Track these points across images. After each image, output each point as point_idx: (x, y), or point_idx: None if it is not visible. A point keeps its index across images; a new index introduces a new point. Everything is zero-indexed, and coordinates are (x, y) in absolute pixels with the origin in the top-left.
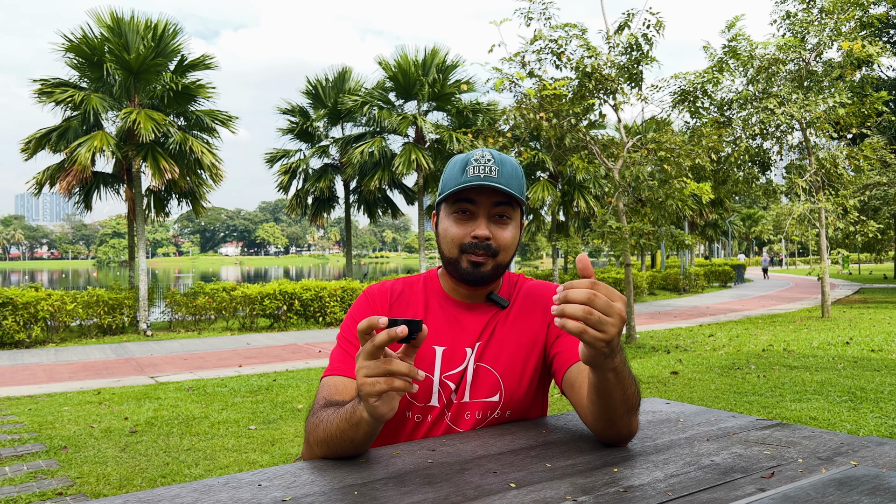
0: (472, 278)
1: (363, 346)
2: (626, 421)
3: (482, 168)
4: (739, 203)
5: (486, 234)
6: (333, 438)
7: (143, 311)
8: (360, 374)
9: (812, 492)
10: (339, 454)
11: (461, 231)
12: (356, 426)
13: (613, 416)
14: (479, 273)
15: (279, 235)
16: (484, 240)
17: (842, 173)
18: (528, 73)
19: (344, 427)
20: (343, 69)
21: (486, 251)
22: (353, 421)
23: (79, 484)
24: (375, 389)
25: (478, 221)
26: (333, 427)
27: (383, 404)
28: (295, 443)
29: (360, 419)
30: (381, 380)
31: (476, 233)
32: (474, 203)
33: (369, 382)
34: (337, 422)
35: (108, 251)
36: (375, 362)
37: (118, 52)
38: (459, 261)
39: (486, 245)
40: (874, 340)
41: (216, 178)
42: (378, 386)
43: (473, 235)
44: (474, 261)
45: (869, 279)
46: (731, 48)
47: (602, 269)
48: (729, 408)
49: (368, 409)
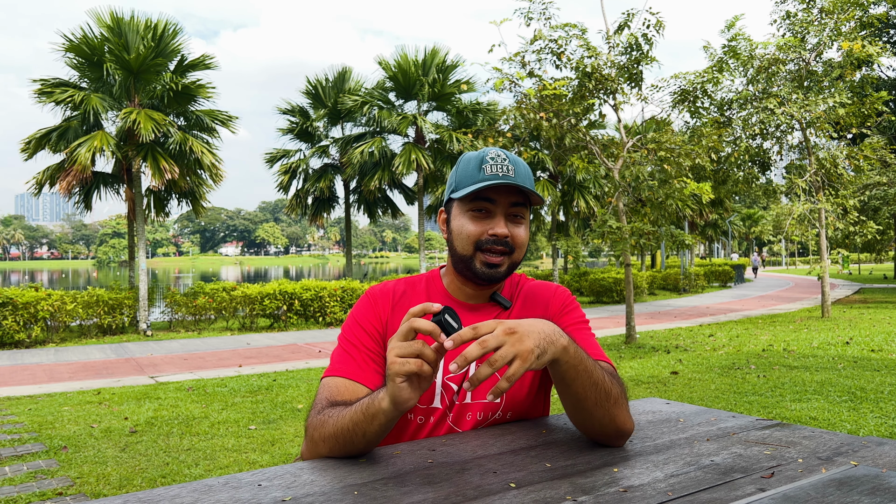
0: (486, 277)
1: (400, 328)
2: (605, 411)
3: (500, 167)
4: (739, 203)
5: (506, 233)
6: (344, 432)
7: (143, 311)
8: (392, 354)
9: (812, 492)
10: (347, 451)
11: (478, 228)
12: (372, 418)
13: (583, 404)
14: (494, 273)
15: (279, 235)
16: (503, 238)
17: (842, 173)
18: (528, 73)
19: (358, 419)
20: (343, 69)
21: (503, 248)
22: (370, 412)
23: (79, 484)
24: (405, 369)
25: (496, 220)
26: (346, 420)
27: (407, 389)
28: (295, 443)
29: (377, 410)
30: (412, 361)
31: (495, 231)
32: (493, 202)
33: (399, 362)
34: (351, 415)
35: (108, 251)
36: (408, 343)
37: (118, 52)
38: (473, 259)
39: (505, 242)
40: (874, 340)
41: (216, 178)
42: (408, 366)
43: (492, 233)
44: (489, 261)
45: (869, 279)
46: (731, 48)
47: (602, 269)
48: (729, 408)
49: (393, 391)
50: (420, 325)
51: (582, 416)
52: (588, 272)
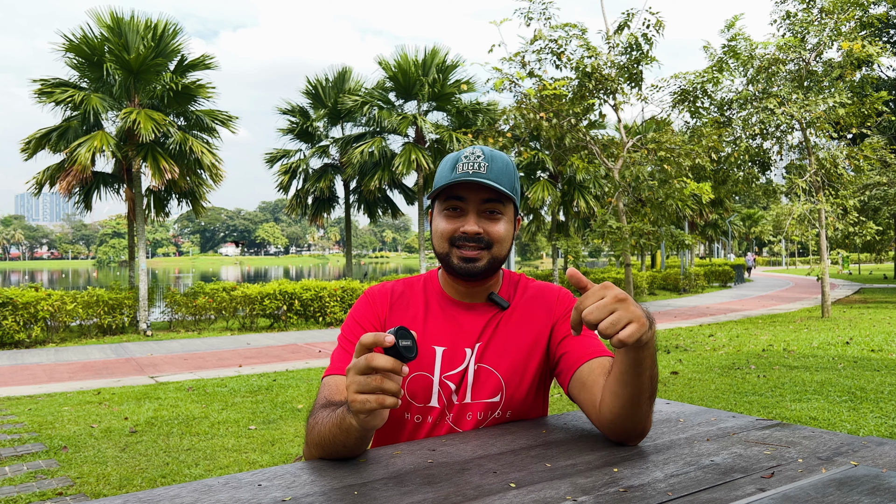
0: (464, 272)
1: (356, 361)
2: (649, 406)
3: (471, 164)
4: (739, 203)
5: (475, 230)
6: (326, 442)
7: (143, 311)
8: (351, 390)
9: (812, 492)
10: (335, 457)
11: (450, 226)
12: (346, 432)
13: (641, 396)
14: (472, 267)
15: (279, 235)
16: (473, 235)
17: (842, 173)
18: (528, 73)
19: (335, 432)
20: (343, 69)
21: (477, 244)
22: (343, 427)
23: (79, 484)
24: (366, 408)
25: (467, 217)
26: (326, 431)
27: (373, 418)
28: (295, 443)
29: (349, 426)
30: (372, 398)
31: (465, 228)
32: (464, 200)
33: (360, 400)
34: (329, 426)
35: (108, 251)
36: (367, 378)
37: (118, 52)
38: (450, 255)
39: (478, 238)
40: (874, 340)
41: (216, 178)
42: (369, 404)
43: (462, 231)
44: (465, 256)
45: (869, 279)
46: (731, 48)
47: (602, 269)
48: (729, 408)
49: (358, 422)
50: (378, 363)
51: (632, 410)
52: (588, 272)
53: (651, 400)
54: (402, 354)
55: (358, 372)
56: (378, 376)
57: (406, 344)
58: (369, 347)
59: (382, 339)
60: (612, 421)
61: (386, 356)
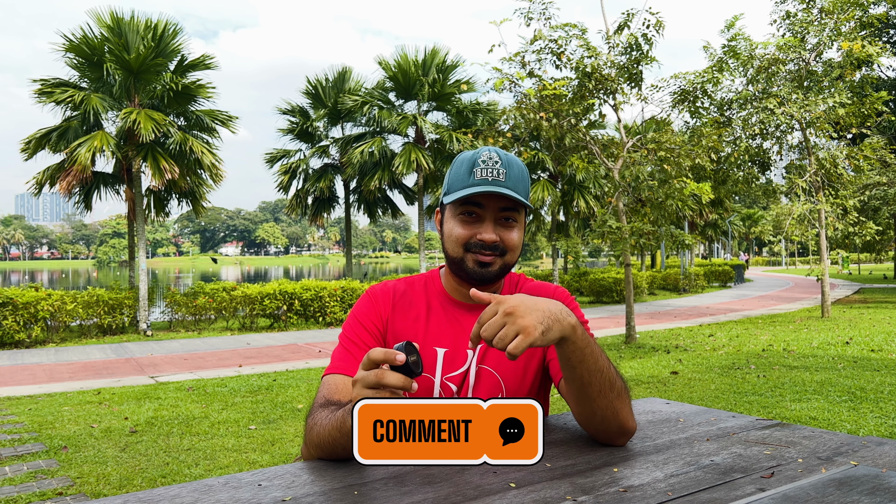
0: (478, 277)
1: (366, 375)
2: (608, 402)
3: (490, 171)
4: (739, 203)
5: (493, 239)
6: (326, 444)
7: (143, 311)
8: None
9: (812, 492)
10: (333, 458)
11: (467, 232)
12: (347, 436)
13: (588, 391)
14: (486, 272)
15: (279, 235)
16: (491, 243)
17: (842, 173)
18: (528, 73)
19: (335, 435)
20: (343, 69)
21: (492, 251)
22: (343, 430)
23: (79, 484)
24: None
25: (484, 225)
26: (325, 433)
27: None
28: (295, 443)
29: (349, 431)
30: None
31: (482, 237)
32: (482, 206)
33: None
34: (329, 429)
35: (108, 251)
36: (375, 393)
37: (118, 52)
38: (465, 260)
39: (494, 245)
40: (874, 340)
41: (216, 178)
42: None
43: (479, 238)
44: (481, 260)
45: (869, 279)
46: (731, 48)
47: (602, 269)
48: (729, 408)
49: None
50: (390, 381)
51: (585, 406)
52: (588, 272)
53: (605, 396)
54: (411, 370)
55: (366, 386)
56: (387, 392)
57: (413, 359)
58: (377, 363)
59: (393, 357)
60: (579, 420)
61: (396, 374)
